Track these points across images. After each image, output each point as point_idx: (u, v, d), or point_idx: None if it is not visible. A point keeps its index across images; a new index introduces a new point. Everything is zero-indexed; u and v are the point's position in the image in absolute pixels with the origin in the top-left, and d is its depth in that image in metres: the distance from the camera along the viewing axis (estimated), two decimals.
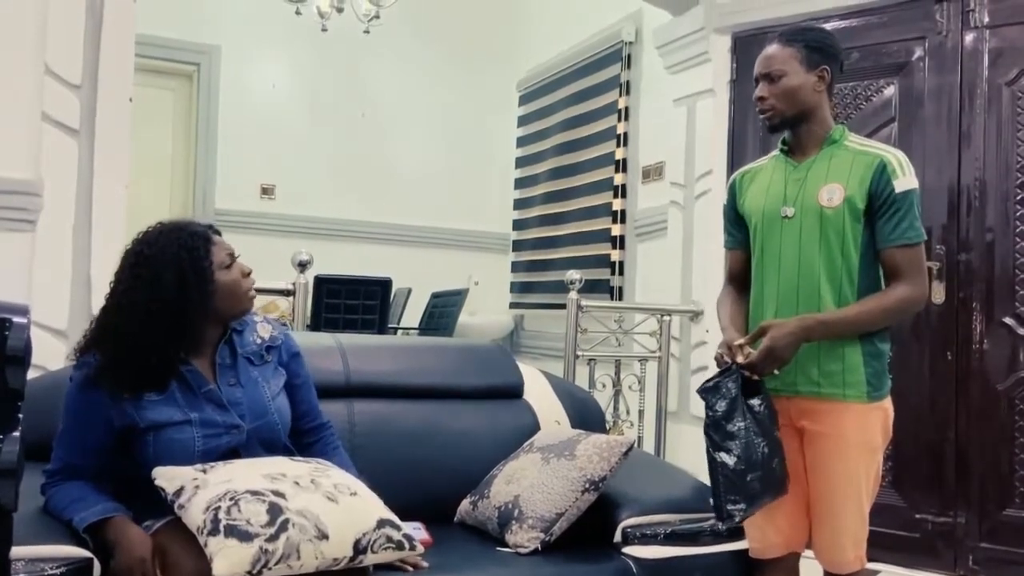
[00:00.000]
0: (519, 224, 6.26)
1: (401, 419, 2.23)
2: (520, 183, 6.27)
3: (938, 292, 2.97)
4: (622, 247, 4.88)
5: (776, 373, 1.80)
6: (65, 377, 1.68)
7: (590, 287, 4.47)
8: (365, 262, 5.19)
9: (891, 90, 3.17)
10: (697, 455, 1.88)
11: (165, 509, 1.52)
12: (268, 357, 1.80)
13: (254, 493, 1.45)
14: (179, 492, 1.48)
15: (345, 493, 1.55)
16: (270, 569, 1.38)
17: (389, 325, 4.76)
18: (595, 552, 1.93)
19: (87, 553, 1.47)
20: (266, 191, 5.96)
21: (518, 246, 6.25)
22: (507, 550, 1.92)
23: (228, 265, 1.70)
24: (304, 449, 1.82)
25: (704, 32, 3.68)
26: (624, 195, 4.89)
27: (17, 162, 2.41)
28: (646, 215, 4.57)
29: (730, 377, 1.78)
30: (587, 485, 1.95)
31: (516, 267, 6.25)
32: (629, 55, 4.96)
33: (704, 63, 3.74)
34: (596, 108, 5.25)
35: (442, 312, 5.33)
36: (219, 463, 1.58)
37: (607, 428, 2.95)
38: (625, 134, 4.91)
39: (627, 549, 1.92)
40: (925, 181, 2.50)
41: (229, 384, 1.70)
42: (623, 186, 4.89)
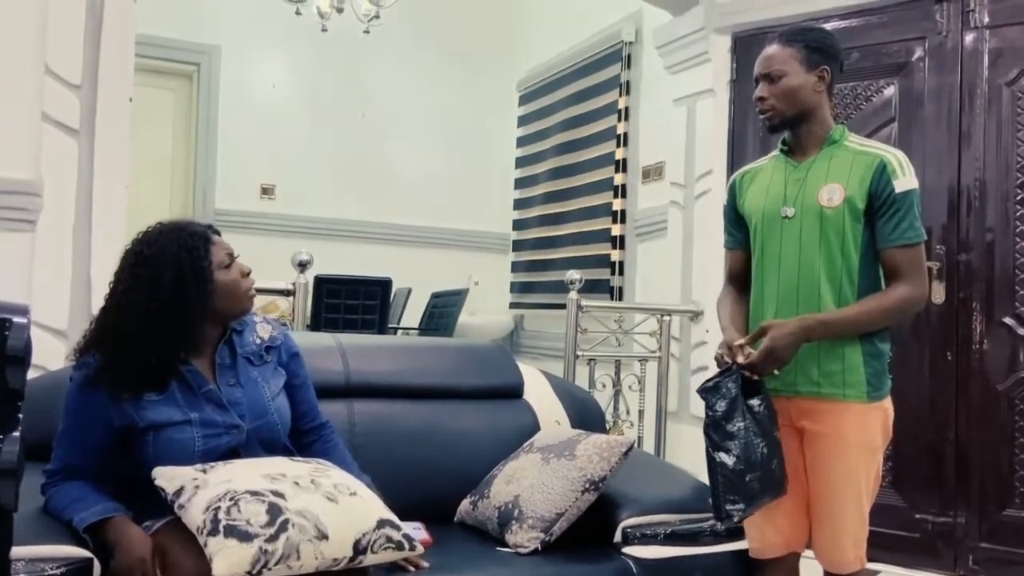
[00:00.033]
0: (519, 224, 6.26)
1: (401, 419, 2.23)
2: (520, 183, 6.27)
3: (938, 292, 2.97)
4: (622, 247, 4.88)
5: (776, 373, 1.80)
6: (65, 377, 1.68)
7: (590, 287, 4.47)
8: (365, 262, 5.19)
9: (891, 90, 3.17)
10: (697, 455, 1.88)
11: (165, 509, 1.52)
12: (268, 357, 1.80)
13: (254, 493, 1.45)
14: (179, 492, 1.48)
15: (345, 493, 1.54)
16: (270, 569, 1.38)
17: (389, 325, 4.76)
18: (595, 552, 1.93)
19: (87, 553, 1.47)
20: (266, 191, 5.96)
21: (518, 246, 6.25)
22: (507, 550, 1.92)
23: (227, 265, 1.70)
24: (304, 449, 1.82)
25: (704, 32, 3.68)
26: (624, 195, 4.89)
27: (17, 162, 2.41)
28: (646, 215, 4.57)
29: (730, 377, 1.78)
30: (587, 485, 1.95)
31: (516, 267, 6.25)
32: (629, 55, 4.95)
33: (704, 63, 3.73)
34: (596, 108, 5.25)
35: (442, 312, 5.33)
36: (219, 463, 1.57)
37: (607, 428, 2.95)
38: (625, 134, 4.91)
39: (627, 549, 1.92)
40: (925, 181, 2.50)
41: (229, 384, 1.70)
42: (623, 186, 4.89)
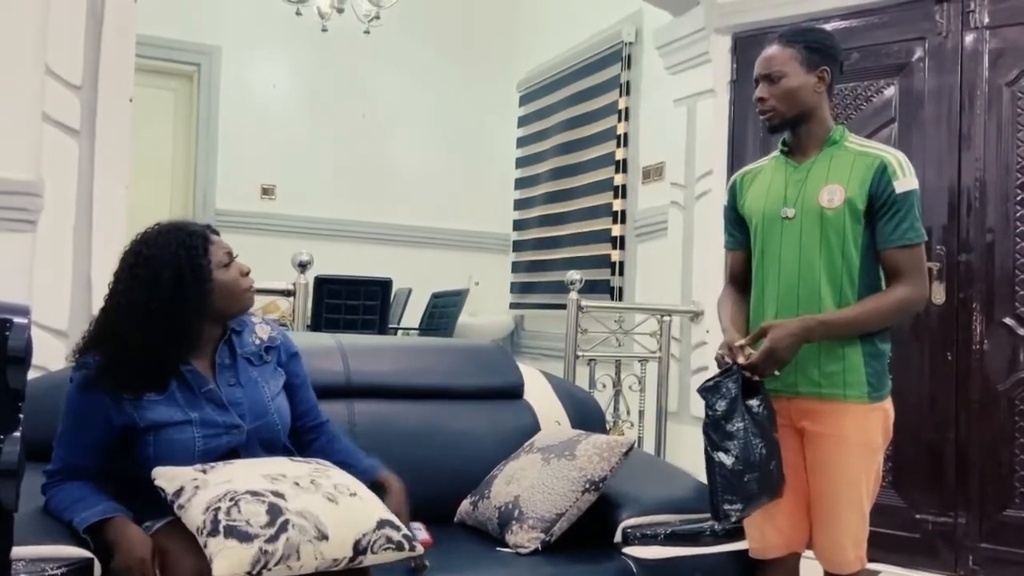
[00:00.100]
0: (519, 224, 6.26)
1: (401, 419, 2.23)
2: (520, 183, 6.27)
3: (938, 292, 2.97)
4: (622, 247, 4.89)
5: (777, 374, 1.80)
6: (65, 377, 1.68)
7: (590, 287, 4.47)
8: (365, 262, 5.20)
9: (891, 91, 3.17)
10: (697, 455, 1.88)
11: (165, 509, 1.52)
12: (267, 357, 1.80)
13: (254, 494, 1.45)
14: (179, 492, 1.48)
15: (345, 494, 1.54)
16: (270, 570, 1.38)
17: (389, 325, 4.76)
18: (595, 552, 1.93)
19: (87, 553, 1.47)
20: (266, 191, 5.97)
21: (518, 246, 6.25)
22: (507, 550, 1.92)
23: (226, 264, 1.70)
24: (304, 449, 1.82)
25: (704, 32, 3.68)
26: (624, 195, 4.89)
27: (17, 162, 2.41)
28: (646, 215, 4.57)
29: (731, 377, 1.78)
30: (587, 485, 1.95)
31: (516, 267, 6.25)
32: (629, 55, 4.96)
33: (704, 63, 3.73)
34: (596, 108, 5.25)
35: (442, 312, 5.34)
36: (219, 463, 1.57)
37: (607, 428, 2.95)
38: (625, 134, 4.91)
39: (627, 549, 1.92)
40: (925, 182, 2.50)
41: (229, 384, 1.70)
42: (623, 186, 4.89)
